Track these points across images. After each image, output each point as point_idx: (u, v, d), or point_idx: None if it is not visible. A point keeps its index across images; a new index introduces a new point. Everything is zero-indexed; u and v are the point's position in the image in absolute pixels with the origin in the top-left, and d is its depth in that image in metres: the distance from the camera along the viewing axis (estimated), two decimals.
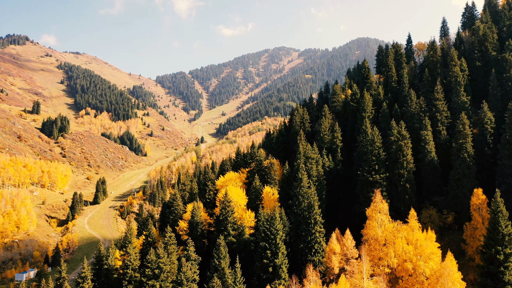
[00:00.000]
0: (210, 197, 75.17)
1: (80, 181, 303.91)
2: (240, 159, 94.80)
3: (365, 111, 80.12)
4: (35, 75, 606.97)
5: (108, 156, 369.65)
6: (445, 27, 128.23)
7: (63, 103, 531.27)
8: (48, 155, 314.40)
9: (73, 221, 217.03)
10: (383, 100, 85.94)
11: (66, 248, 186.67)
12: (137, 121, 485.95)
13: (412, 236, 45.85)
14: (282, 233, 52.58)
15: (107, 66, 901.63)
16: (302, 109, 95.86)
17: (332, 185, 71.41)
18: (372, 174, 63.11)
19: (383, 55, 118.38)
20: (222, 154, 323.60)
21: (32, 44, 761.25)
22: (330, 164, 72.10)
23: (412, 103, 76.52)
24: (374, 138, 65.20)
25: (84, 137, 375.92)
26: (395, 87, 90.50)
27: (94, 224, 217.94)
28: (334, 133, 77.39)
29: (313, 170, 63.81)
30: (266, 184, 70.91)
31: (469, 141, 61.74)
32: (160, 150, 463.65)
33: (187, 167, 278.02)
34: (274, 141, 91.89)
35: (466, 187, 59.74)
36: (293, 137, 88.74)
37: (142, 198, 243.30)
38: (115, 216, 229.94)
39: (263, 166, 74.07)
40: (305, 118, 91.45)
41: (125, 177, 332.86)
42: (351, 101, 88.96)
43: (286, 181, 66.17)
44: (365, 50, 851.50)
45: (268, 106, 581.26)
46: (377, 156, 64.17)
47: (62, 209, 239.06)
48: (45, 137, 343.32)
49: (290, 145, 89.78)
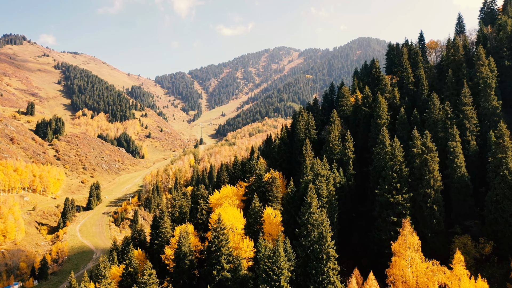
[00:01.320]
0: (202, 217, 65.06)
1: (74, 185, 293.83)
2: (238, 170, 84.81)
3: (380, 117, 69.95)
4: (31, 75, 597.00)
5: (104, 159, 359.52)
6: (461, 24, 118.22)
7: (59, 104, 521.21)
8: (42, 158, 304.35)
9: (64, 228, 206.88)
10: (400, 104, 75.79)
11: (55, 258, 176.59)
12: (134, 122, 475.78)
13: (457, 285, 35.73)
14: (288, 272, 42.50)
15: (106, 66, 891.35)
16: (307, 114, 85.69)
17: (344, 204, 61.38)
18: (393, 194, 53.01)
19: (394, 54, 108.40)
20: (221, 157, 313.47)
21: (30, 44, 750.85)
22: (341, 179, 61.97)
23: (435, 109, 66.39)
24: (395, 150, 55.01)
25: (80, 139, 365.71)
26: (412, 89, 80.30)
27: (86, 231, 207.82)
28: (346, 143, 67.17)
29: (323, 189, 53.62)
30: (267, 203, 60.85)
31: (510, 155, 51.57)
32: (158, 152, 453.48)
33: (185, 170, 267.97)
34: (276, 150, 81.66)
35: (508, 211, 49.67)
36: (298, 146, 78.69)
37: (137, 204, 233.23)
38: (108, 222, 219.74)
39: (263, 182, 63.90)
40: (310, 125, 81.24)
41: (121, 181, 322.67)
42: (362, 105, 78.72)
43: (291, 202, 56.01)
44: (366, 50, 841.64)
45: (268, 106, 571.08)
46: (398, 173, 54.05)
47: (54, 215, 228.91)
48: (39, 139, 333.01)
49: (294, 155, 79.68)
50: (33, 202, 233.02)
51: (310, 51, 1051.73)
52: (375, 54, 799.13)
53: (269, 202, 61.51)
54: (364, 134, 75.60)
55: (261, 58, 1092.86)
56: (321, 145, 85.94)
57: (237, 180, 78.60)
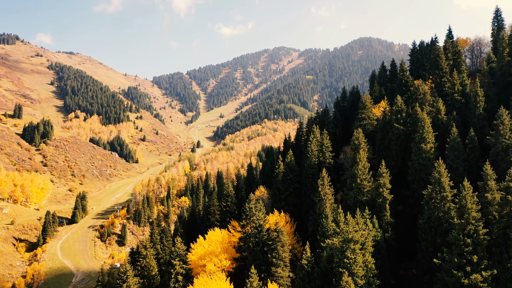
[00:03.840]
0: (177, 286, 46.01)
1: (60, 194, 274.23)
2: (231, 202, 65.84)
3: (425, 141, 50.78)
4: (23, 76, 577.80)
5: (95, 164, 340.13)
6: (499, 18, 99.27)
7: (52, 105, 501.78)
8: (27, 165, 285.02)
9: (43, 246, 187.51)
10: (447, 121, 56.73)
11: (30, 283, 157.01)
12: (129, 125, 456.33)
13: None
14: None
15: (102, 66, 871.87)
16: (319, 130, 66.70)
17: (381, 268, 42.47)
18: (466, 271, 34.17)
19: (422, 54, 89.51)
20: (218, 163, 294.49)
21: (23, 44, 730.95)
22: (376, 234, 43.09)
23: (505, 130, 47.43)
24: (466, 201, 35.94)
25: (69, 143, 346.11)
26: (460, 100, 61.25)
27: (68, 249, 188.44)
28: (380, 179, 48.00)
29: (357, 264, 34.82)
30: (270, 268, 42.00)
31: None
32: (153, 156, 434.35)
33: (178, 179, 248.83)
34: (280, 179, 62.51)
35: None
36: (309, 173, 59.68)
37: (126, 217, 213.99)
38: (93, 238, 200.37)
39: (263, 237, 44.82)
40: (325, 145, 62.19)
41: (112, 189, 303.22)
42: (395, 121, 59.57)
43: (308, 280, 37.07)
44: (368, 50, 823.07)
45: (268, 108, 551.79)
46: (473, 237, 35.16)
47: (35, 229, 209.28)
48: (26, 144, 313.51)
49: (304, 186, 60.59)
50: (13, 214, 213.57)
51: (310, 51, 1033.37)
52: (377, 54, 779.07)
53: (273, 266, 42.53)
54: (398, 161, 56.49)
55: (260, 58, 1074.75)
56: (338, 171, 66.93)
57: (228, 218, 59.62)
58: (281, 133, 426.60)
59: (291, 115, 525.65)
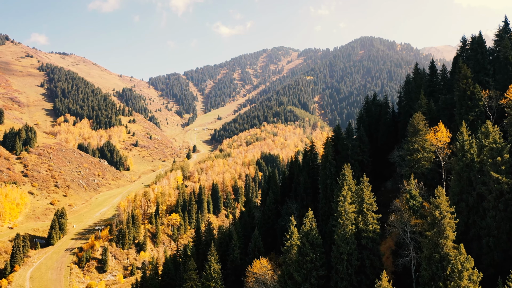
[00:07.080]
0: None
1: (40, 208, 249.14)
2: None
3: None
4: (12, 77, 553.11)
5: (82, 173, 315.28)
6: None
7: (41, 109, 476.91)
8: (5, 175, 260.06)
9: (10, 275, 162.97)
10: None
11: None
12: (120, 129, 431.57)
13: None
14: None
15: (96, 67, 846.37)
16: (351, 171, 42.72)
17: None
18: None
19: (482, 54, 65.55)
20: (214, 173, 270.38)
21: (13, 44, 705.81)
22: None
23: None
24: None
25: (54, 150, 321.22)
26: None
27: (39, 279, 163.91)
28: None
29: None
30: None
31: None
32: (145, 162, 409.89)
33: (168, 194, 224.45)
34: (294, 259, 38.32)
35: None
36: (343, 252, 35.74)
37: (108, 238, 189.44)
38: (70, 264, 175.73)
39: None
40: (366, 202, 38.23)
41: (98, 201, 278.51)
42: (491, 167, 35.53)
43: None
44: (370, 49, 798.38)
45: (267, 111, 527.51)
46: None
47: (5, 253, 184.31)
48: (5, 152, 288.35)
49: (335, 275, 36.62)
50: None
51: (310, 51, 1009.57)
52: (379, 54, 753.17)
53: None
54: (502, 240, 32.50)
55: (259, 58, 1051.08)
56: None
57: None
58: (281, 137, 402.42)
59: (291, 117, 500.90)
